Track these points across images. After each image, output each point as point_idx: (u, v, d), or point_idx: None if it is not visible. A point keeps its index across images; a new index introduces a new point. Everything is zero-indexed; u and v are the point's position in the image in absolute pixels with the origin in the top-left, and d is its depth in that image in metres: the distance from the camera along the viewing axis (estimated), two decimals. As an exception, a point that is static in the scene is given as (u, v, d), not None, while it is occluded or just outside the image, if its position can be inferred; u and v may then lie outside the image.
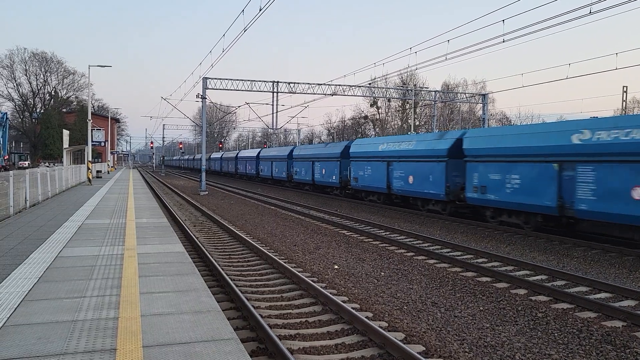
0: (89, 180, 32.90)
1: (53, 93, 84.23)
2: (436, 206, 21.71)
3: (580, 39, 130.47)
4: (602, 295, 9.41)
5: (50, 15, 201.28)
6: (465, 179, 19.27)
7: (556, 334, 7.27)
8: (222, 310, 5.74)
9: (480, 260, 12.50)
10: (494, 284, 10.09)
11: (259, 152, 51.29)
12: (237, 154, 62.98)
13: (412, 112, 52.98)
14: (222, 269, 10.39)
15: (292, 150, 41.20)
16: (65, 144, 36.77)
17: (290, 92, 38.13)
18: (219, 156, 73.57)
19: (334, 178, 31.91)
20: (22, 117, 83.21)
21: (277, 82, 37.46)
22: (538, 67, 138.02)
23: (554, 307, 8.59)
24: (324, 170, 33.37)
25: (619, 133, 13.50)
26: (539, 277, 10.72)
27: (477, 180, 18.53)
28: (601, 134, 14.01)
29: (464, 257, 12.85)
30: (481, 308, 8.52)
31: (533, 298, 9.11)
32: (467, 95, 48.07)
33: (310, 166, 35.74)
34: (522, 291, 9.56)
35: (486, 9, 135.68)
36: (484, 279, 10.56)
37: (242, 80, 36.84)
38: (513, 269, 11.51)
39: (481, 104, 44.03)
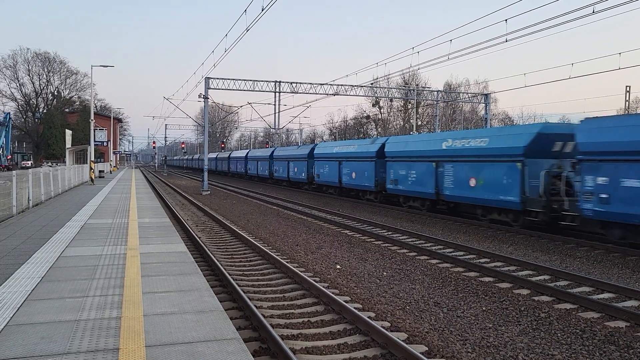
0: (92, 180, 32.95)
1: (56, 93, 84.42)
2: (370, 196, 27.06)
3: (583, 39, 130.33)
4: (605, 295, 9.39)
5: (54, 16, 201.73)
6: (386, 174, 25.26)
7: (559, 334, 7.26)
8: (225, 310, 5.74)
9: (482, 260, 12.48)
10: (496, 284, 10.07)
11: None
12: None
13: (414, 112, 52.97)
14: (225, 269, 10.40)
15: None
16: (68, 144, 36.86)
17: (293, 92, 38.14)
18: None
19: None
20: (25, 117, 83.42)
21: (280, 82, 37.48)
22: (541, 66, 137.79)
23: (557, 307, 8.57)
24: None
25: (464, 142, 19.68)
26: (541, 277, 10.70)
27: (392, 175, 24.54)
28: (456, 142, 20.18)
29: (467, 257, 12.83)
30: (484, 308, 8.50)
31: (536, 298, 9.09)
32: (469, 95, 48.03)
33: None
34: (524, 291, 9.55)
35: (488, 9, 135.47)
36: (487, 279, 10.54)
37: (245, 80, 36.88)
38: (516, 269, 11.49)
39: (483, 104, 43.97)
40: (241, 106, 55.59)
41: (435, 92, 44.75)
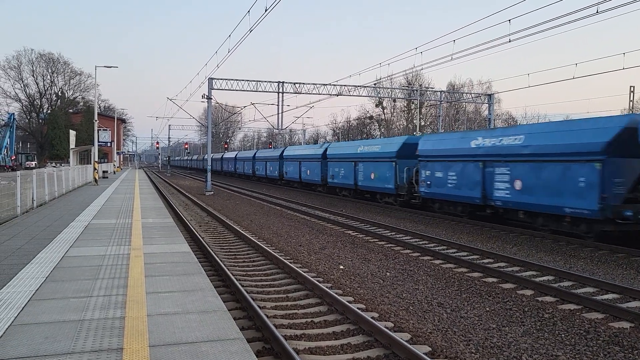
0: (95, 180, 33.04)
1: (60, 94, 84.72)
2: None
3: (587, 39, 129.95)
4: (610, 296, 9.35)
5: (57, 16, 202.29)
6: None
7: (563, 335, 7.24)
8: (228, 310, 5.74)
9: (486, 260, 12.46)
10: (500, 285, 10.05)
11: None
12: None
13: (418, 113, 52.96)
14: (228, 269, 10.41)
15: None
16: (72, 145, 36.98)
17: (296, 93, 38.17)
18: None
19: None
20: (29, 117, 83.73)
21: (283, 82, 37.50)
22: (544, 67, 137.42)
23: (561, 308, 8.55)
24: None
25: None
26: (545, 278, 10.67)
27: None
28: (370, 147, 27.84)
29: (470, 257, 12.81)
30: (487, 309, 8.49)
31: (540, 299, 9.07)
32: (472, 95, 47.97)
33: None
34: (528, 292, 9.52)
35: (492, 9, 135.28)
36: (490, 279, 10.52)
37: (248, 80, 36.92)
38: (519, 270, 11.46)
39: (487, 104, 43.91)
40: (244, 107, 55.61)
41: (439, 93, 44.71)
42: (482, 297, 9.20)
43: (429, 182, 21.50)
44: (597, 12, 18.45)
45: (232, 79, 36.43)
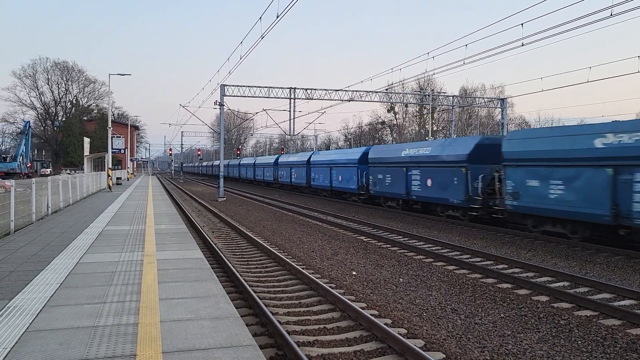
0: (109, 187, 33.32)
1: (74, 101, 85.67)
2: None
3: (601, 42, 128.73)
4: (627, 302, 9.20)
5: (72, 25, 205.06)
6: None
7: (580, 342, 7.13)
8: (241, 317, 5.73)
9: (500, 266, 12.34)
10: (514, 291, 9.94)
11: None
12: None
13: (430, 118, 52.77)
14: (240, 275, 10.41)
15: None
16: (86, 152, 37.35)
17: (308, 98, 38.25)
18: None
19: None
20: (44, 125, 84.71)
21: (294, 88, 37.61)
22: (558, 70, 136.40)
23: (577, 314, 8.43)
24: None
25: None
26: (561, 284, 10.54)
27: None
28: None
29: (484, 263, 12.70)
30: (502, 315, 8.39)
31: (555, 305, 8.95)
32: (485, 100, 47.72)
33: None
34: (543, 298, 9.41)
35: (505, 13, 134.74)
36: (505, 285, 10.41)
37: (260, 87, 37.07)
38: (534, 276, 11.33)
39: (500, 109, 43.65)
40: (256, 113, 56.02)
41: (451, 97, 44.52)
42: (497, 303, 9.10)
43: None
44: (611, 14, 18.28)
45: (244, 86, 36.62)
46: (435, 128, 75.22)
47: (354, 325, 7.61)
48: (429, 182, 23.04)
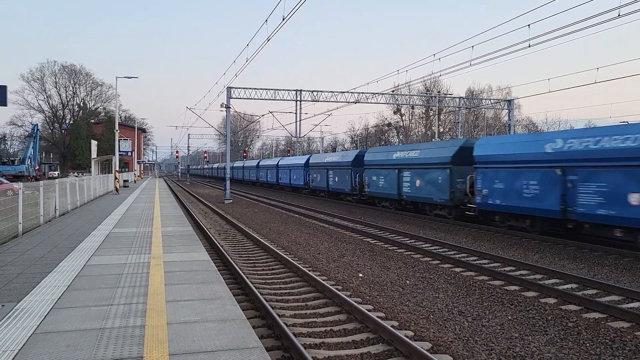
0: (116, 189, 33.46)
1: (82, 104, 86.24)
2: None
3: (608, 43, 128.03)
4: (635, 304, 9.13)
5: (79, 29, 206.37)
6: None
7: (588, 345, 7.08)
8: (247, 319, 5.74)
9: (507, 268, 12.28)
10: (522, 293, 9.89)
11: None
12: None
13: (436, 119, 52.66)
14: (247, 277, 10.42)
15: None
16: (94, 154, 37.56)
17: (314, 101, 38.26)
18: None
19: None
20: (52, 128, 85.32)
21: (301, 90, 37.64)
22: (565, 71, 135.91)
23: (585, 316, 8.37)
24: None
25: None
26: (569, 286, 10.47)
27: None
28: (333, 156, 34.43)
29: (491, 265, 12.64)
30: (509, 317, 8.35)
31: (563, 307, 8.90)
32: (492, 101, 47.57)
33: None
34: (551, 300, 9.35)
35: (511, 14, 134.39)
36: (512, 287, 10.36)
37: (266, 89, 37.13)
38: (542, 278, 11.27)
39: (506, 110, 43.50)
40: (263, 115, 55.90)
41: (457, 99, 44.42)
42: (504, 306, 9.06)
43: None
44: (618, 15, 18.18)
45: (250, 88, 36.68)
46: (441, 130, 75.06)
47: (361, 327, 7.59)
48: (417, 183, 24.43)
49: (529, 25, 22.27)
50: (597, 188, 14.53)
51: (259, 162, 65.01)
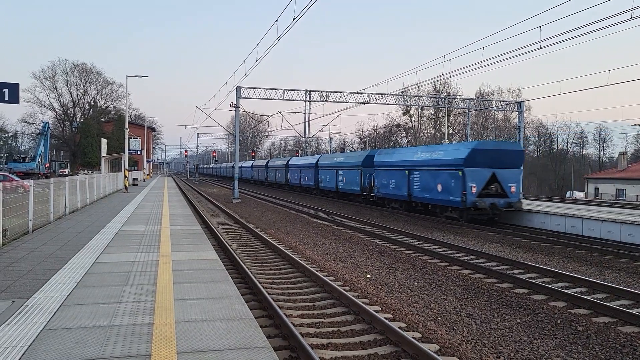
0: (126, 187, 33.64)
1: (92, 103, 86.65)
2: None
3: (621, 45, 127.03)
4: (646, 309, 9.04)
5: (90, 27, 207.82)
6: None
7: (597, 349, 7.02)
8: (255, 318, 5.74)
9: (516, 271, 12.21)
10: (531, 296, 9.82)
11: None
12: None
13: (446, 121, 52.46)
14: (255, 277, 10.43)
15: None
16: (104, 153, 37.75)
17: (323, 101, 38.25)
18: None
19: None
20: (62, 126, 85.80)
21: (310, 90, 37.64)
22: (576, 73, 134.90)
23: (595, 320, 8.30)
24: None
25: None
26: (578, 290, 10.39)
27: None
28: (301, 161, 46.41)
29: (500, 267, 12.57)
30: (518, 320, 8.30)
31: (572, 311, 8.83)
32: (502, 103, 47.33)
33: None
34: (560, 304, 9.28)
35: (522, 16, 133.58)
36: (521, 290, 10.30)
37: (275, 89, 37.17)
38: (551, 281, 11.19)
39: (516, 112, 43.25)
40: (272, 115, 56.08)
41: (467, 100, 44.24)
42: (513, 309, 9.00)
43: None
44: (631, 17, 18.03)
45: (259, 88, 36.73)
46: (450, 131, 74.76)
47: (368, 328, 7.57)
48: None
49: (540, 26, 22.15)
50: (421, 182, 24.77)
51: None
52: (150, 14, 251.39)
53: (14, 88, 8.27)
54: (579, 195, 61.40)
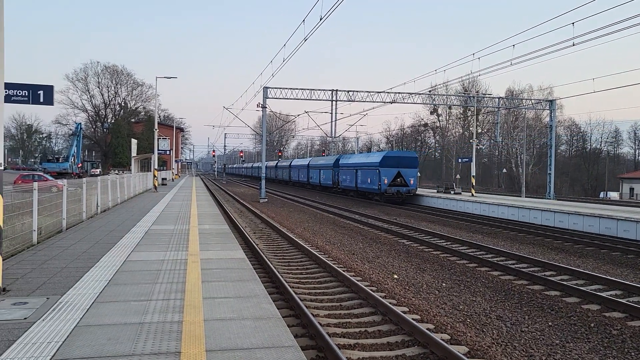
0: (155, 187, 34.16)
1: (123, 104, 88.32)
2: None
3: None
4: (685, 313, 8.75)
5: (121, 29, 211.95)
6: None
7: (633, 354, 6.82)
8: (282, 317, 5.75)
9: (548, 273, 11.97)
10: (563, 299, 9.61)
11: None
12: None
13: (474, 120, 51.75)
14: (282, 276, 10.46)
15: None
16: (134, 153, 38.37)
17: (349, 101, 38.19)
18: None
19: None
20: (94, 127, 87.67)
21: (336, 90, 37.62)
22: (611, 71, 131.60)
23: (630, 324, 8.07)
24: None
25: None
26: (613, 292, 10.12)
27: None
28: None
29: (531, 269, 12.33)
30: (550, 323, 8.13)
31: (607, 314, 8.60)
32: (533, 101, 46.46)
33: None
34: (594, 307, 9.05)
35: (554, 12, 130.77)
36: (553, 292, 10.09)
37: (302, 89, 37.26)
38: (584, 283, 10.93)
39: (548, 111, 42.41)
40: (298, 115, 56.24)
41: (497, 99, 43.58)
42: (544, 311, 8.82)
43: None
44: (667, 12, 17.49)
45: (286, 88, 36.87)
46: (479, 130, 73.81)
47: (396, 329, 7.52)
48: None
49: (573, 23, 21.69)
50: (362, 177, 37.32)
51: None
52: (180, 17, 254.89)
53: (48, 90, 8.46)
54: (613, 195, 59.90)
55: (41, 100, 8.34)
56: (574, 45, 22.10)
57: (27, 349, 4.49)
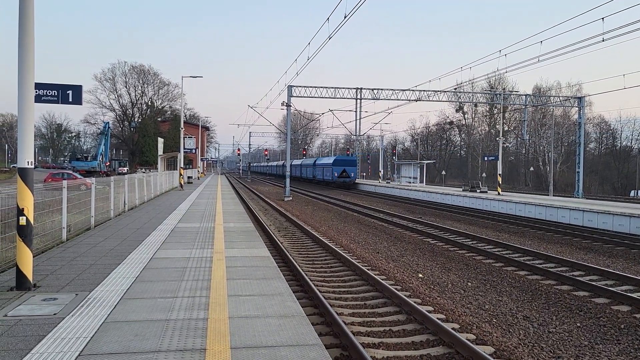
0: (181, 185, 34.57)
1: (149, 103, 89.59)
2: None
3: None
4: None
5: (147, 30, 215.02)
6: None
7: (666, 357, 6.64)
8: (306, 316, 5.76)
9: (576, 273, 11.74)
10: (592, 299, 9.41)
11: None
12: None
13: (501, 117, 51.02)
14: (306, 274, 10.48)
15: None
16: (160, 151, 38.87)
17: (374, 99, 38.06)
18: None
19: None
20: (122, 126, 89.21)
21: (361, 88, 37.51)
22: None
23: (662, 327, 7.86)
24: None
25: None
26: (644, 294, 9.87)
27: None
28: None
29: (559, 269, 12.11)
30: (578, 324, 7.97)
31: (638, 316, 8.40)
32: (561, 98, 45.57)
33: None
34: (625, 308, 8.85)
35: (583, 7, 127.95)
36: (581, 293, 9.89)
37: (326, 87, 37.26)
38: (614, 284, 10.69)
39: (576, 108, 41.56)
40: (322, 113, 56.58)
41: (524, 96, 42.87)
42: (573, 312, 8.66)
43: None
44: (703, 5, 17.01)
45: (311, 86, 36.93)
46: (506, 128, 72.72)
47: (420, 328, 7.47)
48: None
49: (602, 18, 21.18)
50: (323, 172, 61.13)
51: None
52: (204, 16, 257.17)
53: (77, 90, 8.62)
54: (644, 194, 58.41)
55: (70, 100, 8.49)
56: (603, 40, 21.61)
57: (56, 344, 4.59)
